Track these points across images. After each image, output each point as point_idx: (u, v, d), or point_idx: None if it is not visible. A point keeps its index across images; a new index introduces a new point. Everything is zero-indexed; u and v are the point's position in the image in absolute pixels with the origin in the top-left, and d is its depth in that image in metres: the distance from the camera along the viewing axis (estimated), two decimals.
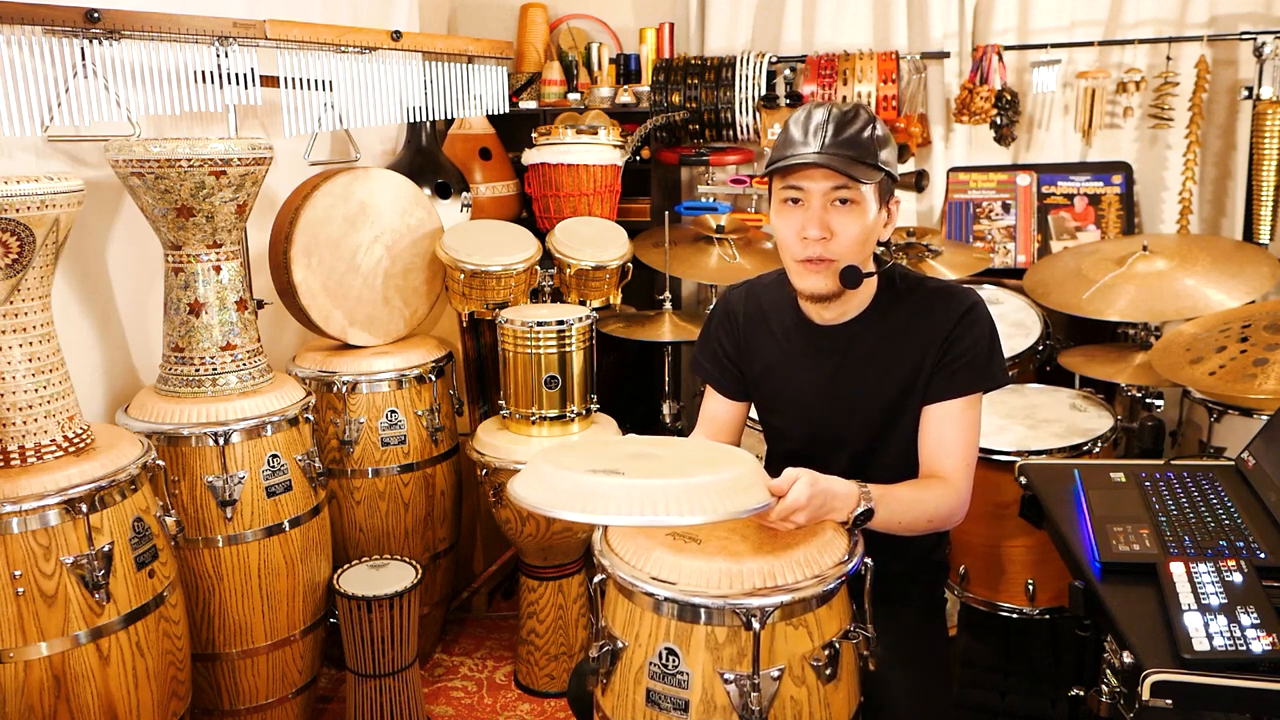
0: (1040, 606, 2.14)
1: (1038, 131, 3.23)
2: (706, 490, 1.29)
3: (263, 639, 2.22)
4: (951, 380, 1.58)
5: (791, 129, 1.53)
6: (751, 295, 1.76)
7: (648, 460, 1.41)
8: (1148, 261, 2.56)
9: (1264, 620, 1.20)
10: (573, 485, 1.31)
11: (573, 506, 1.29)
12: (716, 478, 1.31)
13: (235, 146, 2.06)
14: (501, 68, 3.16)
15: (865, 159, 1.49)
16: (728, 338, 1.76)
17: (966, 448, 1.59)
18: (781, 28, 3.39)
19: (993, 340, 1.61)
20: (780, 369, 1.71)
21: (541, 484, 1.35)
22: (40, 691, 1.71)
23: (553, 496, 1.31)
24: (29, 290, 1.75)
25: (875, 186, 1.52)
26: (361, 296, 2.67)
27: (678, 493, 1.27)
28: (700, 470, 1.33)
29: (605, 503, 1.27)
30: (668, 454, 1.46)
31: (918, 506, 1.52)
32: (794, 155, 1.50)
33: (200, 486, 2.11)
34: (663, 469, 1.36)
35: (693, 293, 3.67)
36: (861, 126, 1.50)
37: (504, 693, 2.66)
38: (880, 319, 1.63)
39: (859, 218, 1.51)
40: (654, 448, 1.50)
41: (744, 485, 1.34)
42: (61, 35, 1.97)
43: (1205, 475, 1.68)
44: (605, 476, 1.30)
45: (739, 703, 1.33)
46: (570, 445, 1.59)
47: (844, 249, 1.52)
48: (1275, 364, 1.99)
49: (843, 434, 1.66)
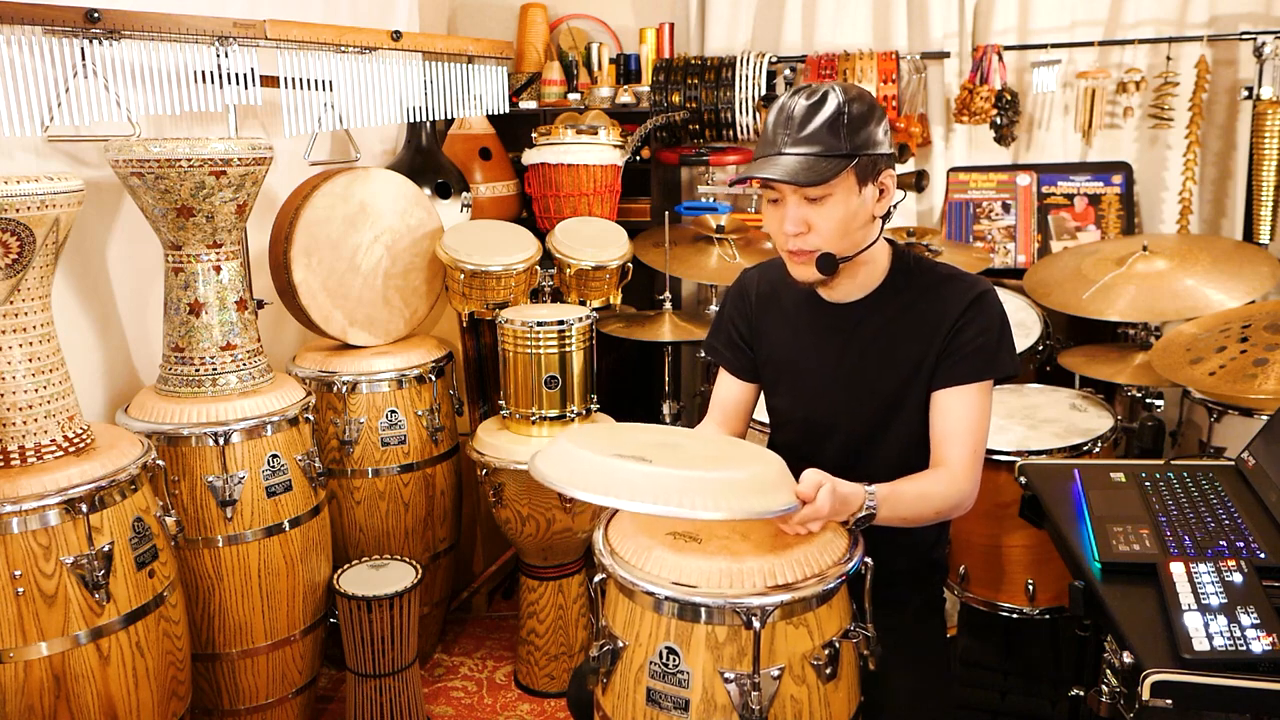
0: (1040, 606, 2.14)
1: (1038, 131, 3.22)
2: (732, 486, 1.28)
3: (263, 639, 2.22)
4: (958, 366, 1.57)
5: (767, 123, 1.55)
6: (765, 274, 1.79)
7: (672, 450, 1.40)
8: (1148, 261, 2.56)
9: (1264, 620, 1.20)
10: (596, 467, 1.28)
11: (594, 488, 1.27)
12: (742, 474, 1.30)
13: (235, 146, 2.06)
14: (501, 68, 3.16)
15: (831, 152, 1.49)
16: (740, 317, 1.78)
17: (973, 435, 1.57)
18: (781, 28, 3.39)
19: (1003, 328, 1.60)
20: (788, 346, 1.71)
21: (565, 463, 1.32)
22: (40, 691, 1.71)
23: (575, 477, 1.29)
24: (29, 290, 1.75)
25: (850, 171, 1.50)
26: (361, 296, 2.67)
27: (702, 486, 1.26)
28: (726, 466, 1.32)
29: (629, 489, 1.25)
30: (692, 446, 1.45)
31: (922, 502, 1.51)
32: (763, 159, 1.53)
33: (200, 486, 2.11)
34: (687, 460, 1.35)
35: (693, 293, 3.67)
36: (831, 115, 1.49)
37: (504, 693, 2.66)
38: (890, 300, 1.63)
39: (833, 209, 1.52)
40: (679, 438, 1.50)
41: (769, 485, 1.33)
42: (61, 35, 1.97)
43: (1205, 475, 1.68)
44: (630, 461, 1.28)
45: (739, 702, 1.33)
46: (595, 429, 1.57)
47: (822, 240, 1.55)
48: (1275, 364, 1.99)
49: (840, 419, 1.65)
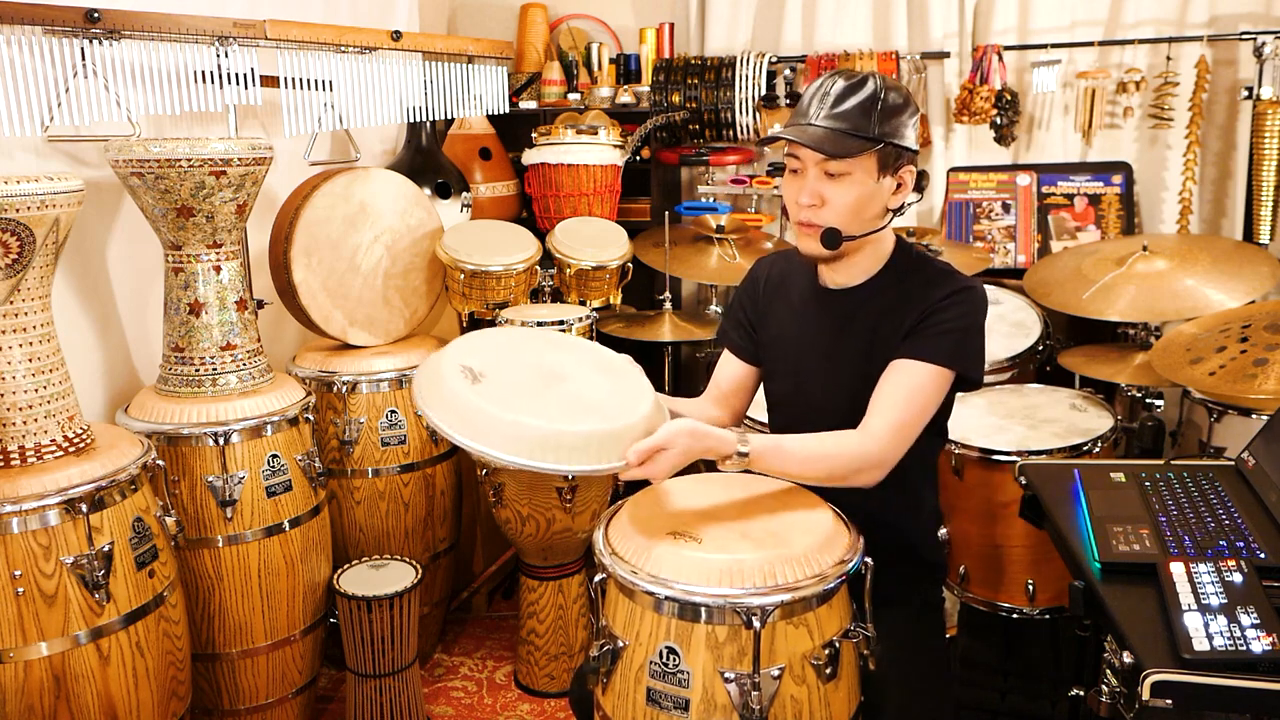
0: (1040, 606, 2.14)
1: (1038, 131, 3.22)
2: (561, 438, 1.36)
3: (263, 639, 2.22)
4: (918, 341, 1.56)
5: (804, 95, 1.59)
6: (777, 263, 1.81)
7: (543, 387, 1.49)
8: (1148, 261, 2.56)
9: (1264, 620, 1.20)
10: (459, 401, 1.40)
11: (450, 424, 1.38)
12: (585, 427, 1.38)
13: (235, 146, 2.06)
14: (501, 68, 3.16)
15: (858, 131, 1.51)
16: (749, 300, 1.81)
17: (904, 408, 1.53)
18: (781, 28, 3.39)
19: (975, 329, 1.59)
20: (788, 330, 1.73)
21: (434, 385, 1.44)
22: (40, 691, 1.71)
23: (439, 408, 1.41)
24: (29, 290, 1.75)
25: (874, 156, 1.53)
26: (361, 296, 2.67)
27: (542, 439, 1.35)
28: (581, 416, 1.41)
29: (480, 432, 1.36)
30: (572, 385, 1.52)
31: (811, 464, 1.50)
32: (794, 127, 1.56)
33: (200, 486, 2.11)
34: (552, 403, 1.44)
35: (693, 293, 3.67)
36: (866, 97, 1.52)
37: (504, 693, 2.66)
38: (887, 287, 1.64)
39: (850, 188, 1.54)
40: (571, 367, 1.57)
41: (614, 440, 1.39)
42: (61, 35, 1.97)
43: (1205, 475, 1.68)
44: (486, 402, 1.39)
45: (739, 701, 1.33)
46: (493, 340, 1.64)
47: (835, 217, 1.56)
48: (1275, 364, 1.99)
49: (834, 401, 1.65)
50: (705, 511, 1.51)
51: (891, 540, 1.55)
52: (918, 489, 1.69)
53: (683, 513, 1.51)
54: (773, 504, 1.54)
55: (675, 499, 1.57)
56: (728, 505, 1.54)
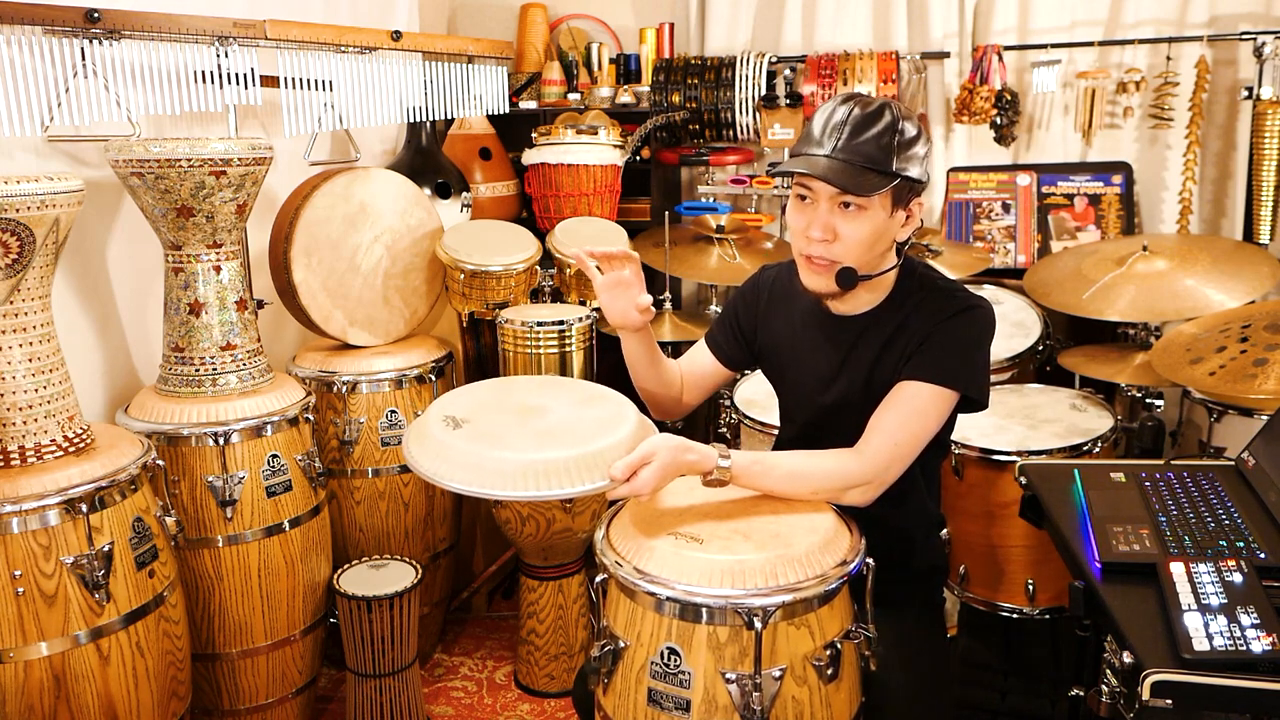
0: (1040, 606, 2.14)
1: (1038, 131, 3.23)
2: (547, 467, 1.41)
3: (263, 639, 2.22)
4: (918, 361, 1.54)
5: (813, 123, 1.52)
6: (781, 276, 1.77)
7: (520, 421, 1.55)
8: (1148, 261, 2.56)
9: (1264, 620, 1.20)
10: (440, 447, 1.47)
11: (435, 470, 1.45)
12: (568, 454, 1.42)
13: (235, 146, 2.06)
14: (501, 68, 3.16)
15: (877, 166, 1.46)
16: (745, 308, 1.78)
17: (901, 431, 1.51)
18: (781, 28, 3.39)
19: (977, 348, 1.56)
20: (789, 350, 1.71)
21: (424, 439, 1.51)
22: (40, 691, 1.71)
23: (423, 456, 1.48)
24: (29, 290, 1.75)
25: (889, 191, 1.48)
26: (361, 296, 2.67)
27: (522, 469, 1.41)
28: (561, 443, 1.46)
29: (461, 470, 1.43)
30: (552, 418, 1.56)
31: (796, 480, 1.51)
32: (804, 156, 1.50)
33: (200, 486, 2.11)
34: (533, 434, 1.50)
35: (693, 293, 3.67)
36: (882, 130, 1.47)
37: (504, 693, 2.66)
38: (892, 315, 1.61)
39: (864, 223, 1.49)
40: (549, 402, 1.62)
41: (595, 460, 1.43)
42: (61, 35, 1.97)
43: (1205, 475, 1.68)
44: (467, 443, 1.46)
45: (740, 702, 1.33)
46: (479, 391, 1.71)
47: (847, 252, 1.51)
48: (1275, 364, 1.99)
49: (837, 425, 1.64)
50: (706, 512, 1.52)
51: (893, 542, 1.55)
52: (919, 493, 1.68)
53: (684, 513, 1.51)
54: (774, 505, 1.53)
55: (676, 499, 1.57)
56: (729, 505, 1.54)
